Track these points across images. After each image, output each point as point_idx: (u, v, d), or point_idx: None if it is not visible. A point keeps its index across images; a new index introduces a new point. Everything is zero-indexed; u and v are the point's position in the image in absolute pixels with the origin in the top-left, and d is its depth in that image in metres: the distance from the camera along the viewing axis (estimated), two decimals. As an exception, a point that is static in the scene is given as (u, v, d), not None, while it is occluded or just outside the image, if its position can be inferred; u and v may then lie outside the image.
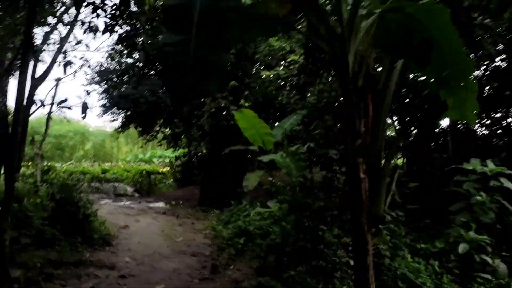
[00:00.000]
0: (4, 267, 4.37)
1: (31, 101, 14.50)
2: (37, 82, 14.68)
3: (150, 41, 7.06)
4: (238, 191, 11.61)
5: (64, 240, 6.72)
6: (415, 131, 9.62)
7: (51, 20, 10.21)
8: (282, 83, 11.57)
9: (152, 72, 19.45)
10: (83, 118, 7.38)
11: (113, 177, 22.14)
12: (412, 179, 7.46)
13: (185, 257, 6.87)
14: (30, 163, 13.30)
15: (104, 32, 7.55)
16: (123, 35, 7.24)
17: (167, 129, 21.62)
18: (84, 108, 7.30)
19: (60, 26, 11.61)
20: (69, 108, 7.44)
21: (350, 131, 3.11)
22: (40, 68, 19.35)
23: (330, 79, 11.00)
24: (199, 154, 18.52)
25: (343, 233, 5.45)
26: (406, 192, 6.69)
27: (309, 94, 10.76)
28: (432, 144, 9.46)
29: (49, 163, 30.88)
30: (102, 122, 58.53)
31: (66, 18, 10.98)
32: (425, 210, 6.78)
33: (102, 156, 45.35)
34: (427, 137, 9.33)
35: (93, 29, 7.98)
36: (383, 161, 5.82)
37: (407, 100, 8.57)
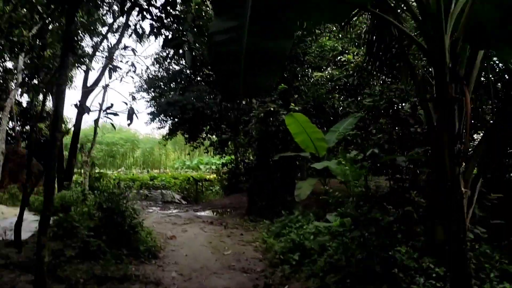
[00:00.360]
0: (43, 285, 4.04)
1: (82, 109, 14.72)
2: (89, 89, 14.93)
3: (196, 42, 6.66)
4: (288, 200, 11.00)
5: (109, 252, 6.41)
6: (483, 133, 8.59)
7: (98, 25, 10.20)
8: (333, 85, 10.89)
9: (199, 78, 19.39)
10: (129, 124, 7.07)
11: (161, 184, 22.28)
12: (489, 189, 6.52)
13: (235, 273, 6.34)
14: (82, 171, 13.45)
15: (149, 34, 7.27)
16: (169, 36, 6.90)
17: (214, 136, 21.47)
18: (130, 114, 6.98)
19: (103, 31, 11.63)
20: (115, 114, 7.16)
21: (447, 133, 2.43)
22: (92, 76, 19.81)
23: (385, 78, 10.21)
24: (246, 161, 18.14)
25: (415, 253, 4.68)
26: (486, 204, 5.77)
27: (363, 96, 10.01)
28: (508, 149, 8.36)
29: (101, 170, 31.89)
30: (151, 129, 60.08)
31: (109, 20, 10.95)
32: (510, 225, 5.82)
33: (150, 163, 46.48)
34: (502, 140, 8.26)
35: (139, 34, 7.75)
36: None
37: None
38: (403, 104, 8.20)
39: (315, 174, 10.53)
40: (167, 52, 16.86)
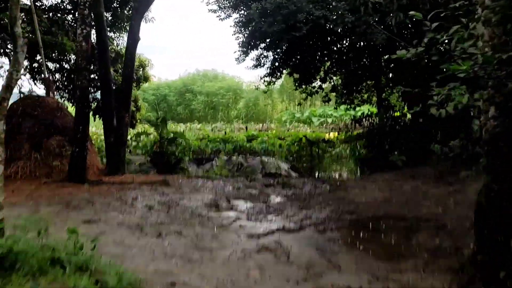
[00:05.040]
0: None
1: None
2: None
3: None
4: None
5: None
6: None
7: None
8: None
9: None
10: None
11: (262, 147, 15.69)
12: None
13: None
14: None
15: None
16: None
17: (337, 77, 13.86)
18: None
19: None
20: None
21: None
22: None
23: None
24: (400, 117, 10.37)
25: None
26: None
27: None
28: None
29: (198, 124, 26.53)
30: (256, 77, 54.13)
31: None
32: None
33: (255, 115, 40.29)
34: None
35: None
36: None
37: None
38: None
39: None
40: None
